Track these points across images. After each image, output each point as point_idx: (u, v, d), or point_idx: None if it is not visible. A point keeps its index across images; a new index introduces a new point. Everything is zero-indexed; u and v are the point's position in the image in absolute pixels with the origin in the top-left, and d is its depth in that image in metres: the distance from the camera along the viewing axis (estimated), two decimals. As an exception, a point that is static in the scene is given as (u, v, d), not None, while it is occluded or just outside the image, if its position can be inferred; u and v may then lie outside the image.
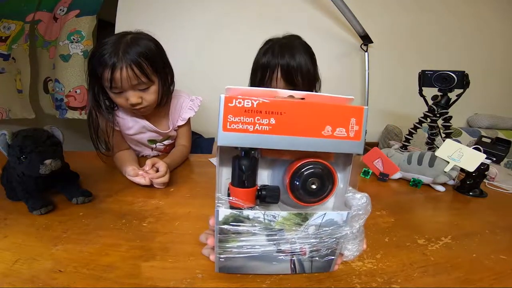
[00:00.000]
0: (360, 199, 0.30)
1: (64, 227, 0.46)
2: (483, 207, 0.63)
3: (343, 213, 0.30)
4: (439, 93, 0.89)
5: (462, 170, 0.69)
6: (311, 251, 0.31)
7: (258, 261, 0.31)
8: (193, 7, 1.44)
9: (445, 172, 0.68)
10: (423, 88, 0.92)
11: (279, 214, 0.29)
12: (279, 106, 0.26)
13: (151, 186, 0.63)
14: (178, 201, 0.59)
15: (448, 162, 0.69)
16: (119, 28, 1.39)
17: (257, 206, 0.30)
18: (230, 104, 0.26)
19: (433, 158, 0.71)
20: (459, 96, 0.87)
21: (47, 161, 0.47)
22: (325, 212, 0.30)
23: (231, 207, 0.29)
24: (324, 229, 0.30)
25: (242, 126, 0.26)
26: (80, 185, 0.59)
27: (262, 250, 0.30)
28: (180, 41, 1.42)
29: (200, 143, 1.08)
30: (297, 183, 0.29)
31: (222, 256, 0.31)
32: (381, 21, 1.56)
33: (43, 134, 0.49)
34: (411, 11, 1.60)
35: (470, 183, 0.68)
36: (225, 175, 0.32)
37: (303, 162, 0.29)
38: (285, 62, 0.68)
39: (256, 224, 0.29)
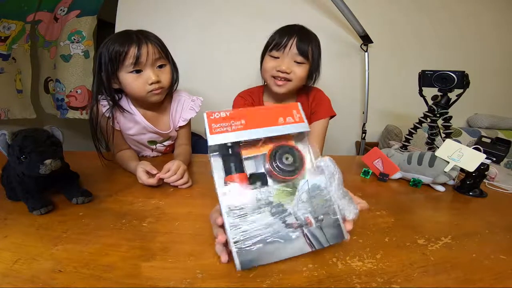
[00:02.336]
0: (326, 163, 0.37)
1: (64, 227, 0.46)
2: (483, 207, 0.63)
3: (320, 177, 0.37)
4: (439, 93, 0.89)
5: (462, 170, 0.68)
6: (315, 219, 0.36)
7: (274, 243, 0.34)
8: (193, 7, 1.44)
9: (445, 172, 0.68)
10: (423, 88, 0.92)
11: (272, 187, 0.36)
12: (245, 111, 0.37)
13: (151, 186, 0.63)
14: (178, 201, 0.59)
15: (448, 162, 0.69)
16: (119, 28, 1.39)
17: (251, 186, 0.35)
18: (211, 117, 0.36)
19: (433, 158, 0.71)
20: (459, 96, 0.87)
21: (47, 161, 0.47)
22: (307, 179, 0.37)
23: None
24: (314, 193, 0.37)
25: (223, 129, 0.36)
26: (80, 185, 0.59)
27: (272, 229, 0.34)
28: (180, 41, 1.42)
29: (201, 145, 1.06)
30: (275, 162, 0.37)
31: (237, 244, 0.33)
32: (381, 21, 1.56)
33: (43, 134, 0.49)
34: (411, 11, 1.60)
35: (470, 183, 0.68)
36: (218, 172, 0.37)
37: (274, 147, 0.38)
38: (301, 37, 0.75)
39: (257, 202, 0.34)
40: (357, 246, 0.44)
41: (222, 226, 0.34)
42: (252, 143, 0.38)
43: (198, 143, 1.09)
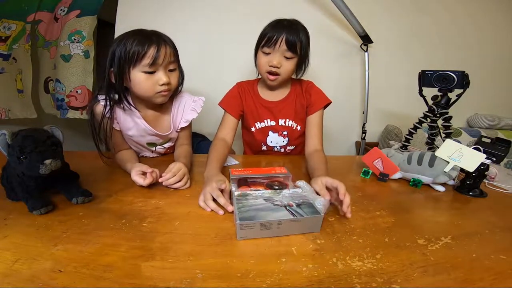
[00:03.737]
0: (303, 184, 0.59)
1: (64, 227, 0.46)
2: (483, 207, 0.63)
3: (298, 189, 0.58)
4: (439, 93, 0.89)
5: (462, 170, 0.68)
6: (295, 204, 0.50)
7: (264, 211, 0.48)
8: (193, 7, 1.44)
9: (445, 172, 0.68)
10: (423, 88, 0.92)
11: (266, 191, 0.57)
12: (251, 169, 0.67)
13: (151, 186, 0.63)
14: (178, 201, 0.59)
15: (448, 162, 0.69)
16: (119, 28, 1.39)
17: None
18: (232, 171, 0.67)
19: (433, 158, 0.71)
20: (459, 96, 0.87)
21: (47, 161, 0.47)
22: (289, 189, 0.58)
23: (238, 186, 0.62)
24: (294, 193, 0.56)
25: (239, 173, 0.65)
26: (80, 185, 0.59)
27: (263, 205, 0.50)
28: (180, 41, 1.42)
29: (205, 146, 1.04)
30: (269, 187, 0.61)
31: (240, 209, 0.49)
32: (381, 21, 1.56)
33: (43, 134, 0.49)
34: (411, 11, 1.60)
35: (470, 183, 0.68)
36: (235, 186, 0.62)
37: (268, 181, 0.63)
38: (290, 34, 0.80)
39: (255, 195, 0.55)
40: (357, 246, 0.44)
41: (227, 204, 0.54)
42: (256, 183, 0.63)
43: (201, 145, 1.09)
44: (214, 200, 0.56)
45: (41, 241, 0.42)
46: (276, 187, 0.60)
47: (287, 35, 0.80)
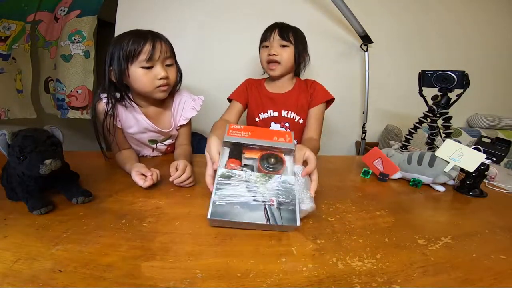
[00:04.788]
0: (299, 169, 0.53)
1: (64, 227, 0.46)
2: (483, 207, 0.63)
3: (291, 177, 0.51)
4: (439, 93, 0.89)
5: (462, 170, 0.68)
6: (277, 202, 0.47)
7: (240, 208, 0.46)
8: (193, 7, 1.44)
9: (445, 172, 0.68)
10: (423, 88, 0.92)
11: (254, 173, 0.51)
12: (253, 128, 0.56)
13: (151, 186, 0.63)
14: (178, 201, 0.59)
15: (448, 162, 0.69)
16: (119, 28, 1.39)
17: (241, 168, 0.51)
18: (231, 126, 0.56)
19: (433, 158, 0.71)
20: (459, 96, 0.87)
21: (47, 161, 0.47)
22: (281, 175, 0.51)
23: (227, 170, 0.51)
24: (283, 185, 0.50)
25: (236, 134, 0.55)
26: (80, 185, 0.59)
27: (243, 198, 0.47)
28: (180, 41, 1.42)
29: (204, 144, 1.06)
30: (263, 162, 0.52)
31: (215, 200, 0.46)
32: (381, 21, 1.56)
33: (43, 134, 0.49)
34: (411, 11, 1.60)
35: (470, 183, 0.68)
36: (224, 156, 0.54)
37: (265, 153, 0.54)
38: (282, 24, 0.93)
39: (239, 176, 0.50)
40: (357, 246, 0.44)
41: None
42: (253, 148, 0.54)
43: (200, 143, 1.09)
44: None
45: (41, 241, 0.42)
46: (270, 165, 0.51)
47: (280, 27, 0.92)
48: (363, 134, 1.55)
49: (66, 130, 1.90)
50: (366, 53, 1.49)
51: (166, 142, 0.92)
